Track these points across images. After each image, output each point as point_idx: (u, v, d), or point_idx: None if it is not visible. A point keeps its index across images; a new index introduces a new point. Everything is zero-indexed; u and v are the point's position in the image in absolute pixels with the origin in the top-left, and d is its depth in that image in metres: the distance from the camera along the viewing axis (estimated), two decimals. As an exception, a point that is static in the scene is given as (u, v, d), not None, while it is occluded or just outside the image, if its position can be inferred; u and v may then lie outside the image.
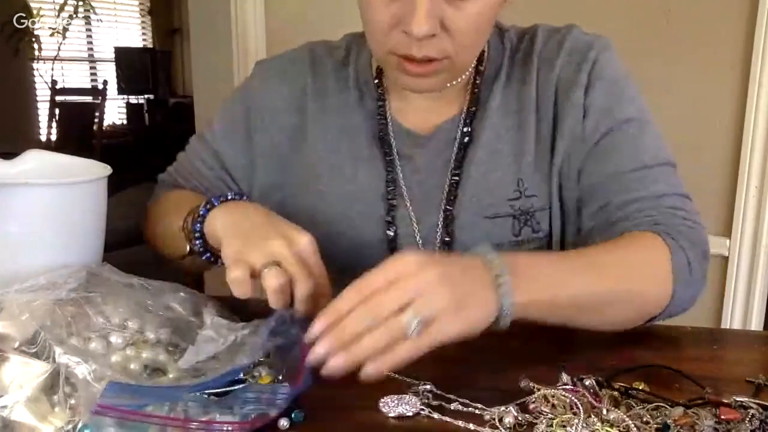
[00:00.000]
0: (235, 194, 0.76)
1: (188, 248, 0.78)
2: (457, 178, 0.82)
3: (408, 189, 0.83)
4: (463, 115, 0.83)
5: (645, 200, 0.75)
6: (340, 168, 0.85)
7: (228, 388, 0.56)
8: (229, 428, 0.51)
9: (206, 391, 0.55)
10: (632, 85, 0.82)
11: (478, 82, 0.83)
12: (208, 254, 0.76)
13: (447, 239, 0.81)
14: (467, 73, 0.83)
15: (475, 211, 0.81)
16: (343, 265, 0.73)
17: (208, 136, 0.93)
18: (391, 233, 0.82)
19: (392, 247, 0.82)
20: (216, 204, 0.74)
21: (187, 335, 0.64)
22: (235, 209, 0.73)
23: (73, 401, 0.52)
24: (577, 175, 0.80)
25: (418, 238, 0.82)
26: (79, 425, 0.50)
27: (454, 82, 0.82)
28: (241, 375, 0.58)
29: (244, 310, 0.71)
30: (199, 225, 0.74)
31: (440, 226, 0.82)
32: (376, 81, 0.87)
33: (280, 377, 0.60)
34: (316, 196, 0.86)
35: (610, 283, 0.66)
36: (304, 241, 0.66)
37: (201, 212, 0.74)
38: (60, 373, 0.53)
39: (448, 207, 0.81)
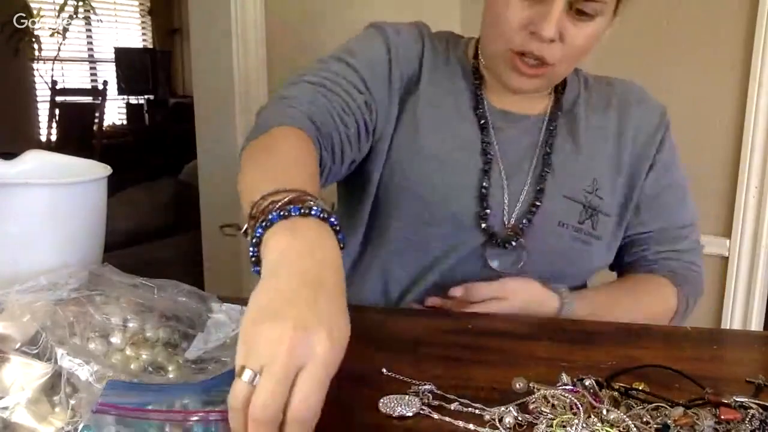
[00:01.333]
0: (323, 211, 0.57)
1: (244, 230, 0.61)
2: (544, 156, 0.95)
3: (501, 151, 0.95)
4: (548, 116, 0.98)
5: (673, 254, 1.00)
6: (443, 120, 0.96)
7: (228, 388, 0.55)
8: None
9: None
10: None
11: (560, 95, 1.00)
12: (258, 269, 0.56)
13: (530, 202, 0.93)
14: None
15: (558, 186, 0.94)
16: (429, 200, 0.92)
17: (352, 61, 0.93)
18: (486, 183, 0.92)
19: (483, 194, 0.92)
20: (294, 213, 0.56)
21: (197, 323, 0.64)
22: (304, 236, 0.55)
23: (73, 402, 0.52)
24: (634, 214, 0.99)
25: (506, 193, 0.94)
26: (80, 426, 0.50)
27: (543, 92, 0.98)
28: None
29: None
30: (261, 231, 0.56)
31: (526, 189, 0.94)
32: (473, 69, 0.99)
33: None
34: (417, 140, 0.94)
35: (636, 314, 0.91)
36: (327, 349, 0.47)
37: (270, 217, 0.56)
38: (61, 375, 0.53)
39: (533, 174, 0.94)
